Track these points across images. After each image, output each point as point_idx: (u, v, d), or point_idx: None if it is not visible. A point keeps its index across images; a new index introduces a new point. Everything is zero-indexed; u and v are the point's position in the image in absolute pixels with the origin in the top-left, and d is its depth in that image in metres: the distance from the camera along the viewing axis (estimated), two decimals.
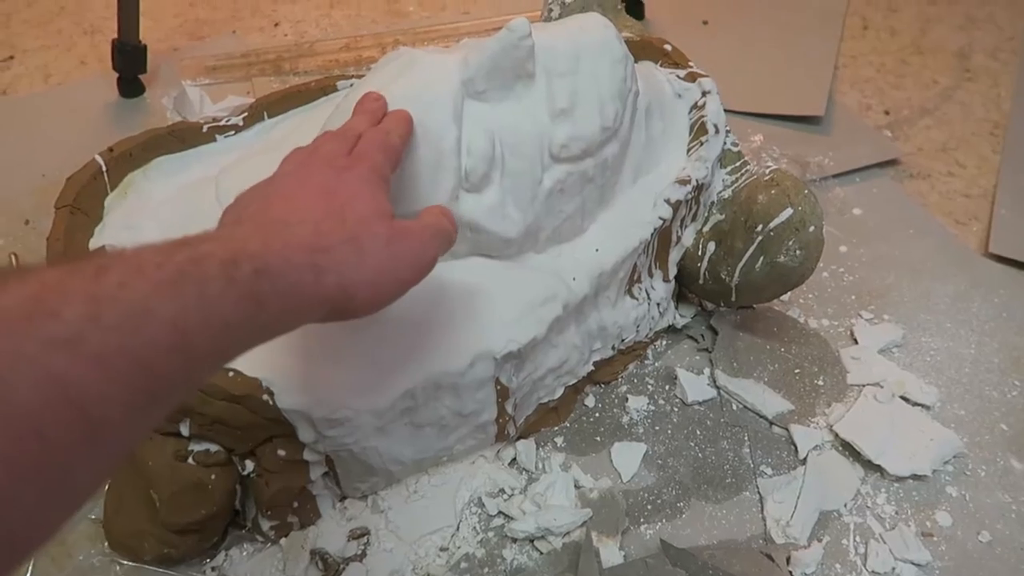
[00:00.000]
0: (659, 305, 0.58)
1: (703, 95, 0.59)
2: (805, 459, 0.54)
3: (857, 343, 0.61)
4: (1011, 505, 0.52)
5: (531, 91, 0.47)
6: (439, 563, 0.48)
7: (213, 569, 0.48)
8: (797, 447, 0.54)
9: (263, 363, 0.44)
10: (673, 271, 0.58)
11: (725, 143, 0.58)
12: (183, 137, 0.57)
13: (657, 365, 0.60)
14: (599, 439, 0.55)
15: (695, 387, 0.57)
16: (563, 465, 0.53)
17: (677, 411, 0.57)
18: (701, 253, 0.57)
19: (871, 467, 0.53)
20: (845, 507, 0.51)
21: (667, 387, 0.58)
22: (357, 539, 0.49)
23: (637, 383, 0.58)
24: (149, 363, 0.23)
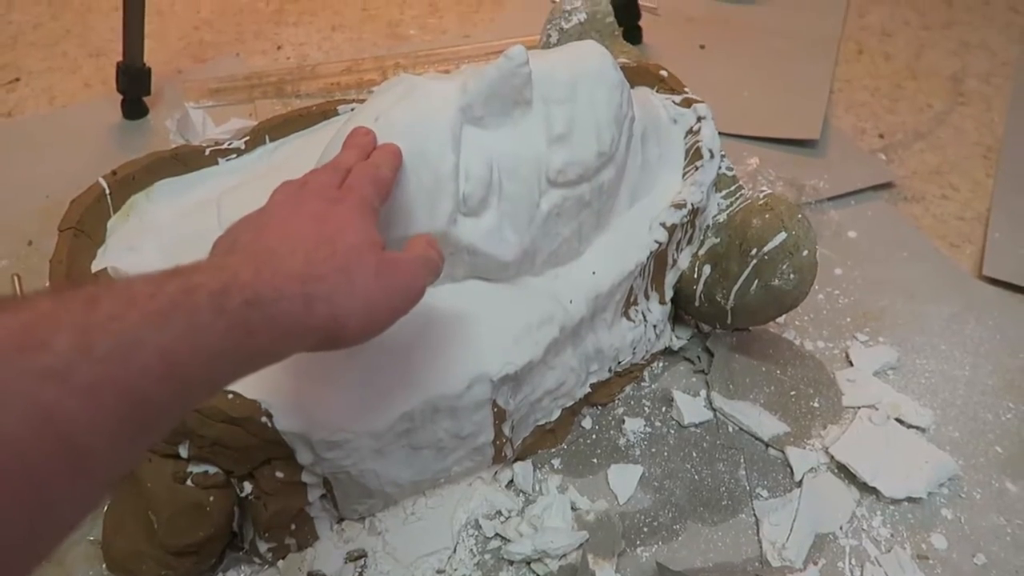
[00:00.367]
0: (655, 327, 0.58)
1: (698, 120, 0.59)
2: (801, 481, 0.54)
3: (852, 365, 0.62)
4: (1006, 528, 0.52)
5: (528, 117, 0.48)
6: None
7: None
8: (793, 469, 0.54)
9: (262, 385, 0.44)
10: (669, 293, 0.59)
11: (720, 168, 0.58)
12: (186, 160, 0.58)
13: (654, 387, 0.60)
14: (596, 461, 0.55)
15: (691, 409, 0.58)
16: (560, 487, 0.53)
17: (673, 433, 0.57)
18: (697, 276, 0.57)
19: (866, 489, 0.53)
20: (841, 530, 0.51)
21: (663, 409, 0.58)
22: (354, 561, 0.49)
23: (634, 405, 0.59)
24: (138, 394, 0.23)
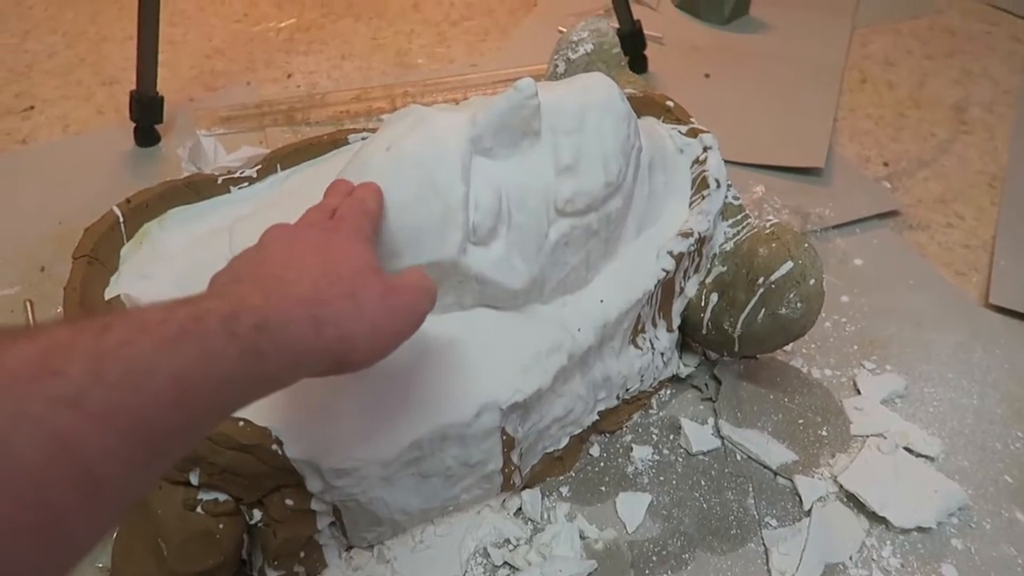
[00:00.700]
0: (663, 355, 0.59)
1: (704, 150, 0.60)
2: (810, 510, 0.54)
3: (860, 393, 0.62)
4: (1017, 559, 0.52)
5: (537, 148, 0.49)
6: None
7: None
8: (802, 498, 0.54)
9: (273, 413, 0.45)
10: (677, 321, 0.59)
11: (726, 197, 0.59)
12: (198, 189, 0.59)
13: (661, 415, 0.60)
14: (604, 489, 0.55)
15: (699, 437, 0.58)
16: (568, 515, 0.53)
17: (681, 461, 0.57)
18: (704, 304, 0.58)
19: (876, 519, 0.53)
20: (850, 559, 0.51)
21: (671, 437, 0.59)
22: None
23: (642, 433, 0.59)
24: (151, 419, 0.24)
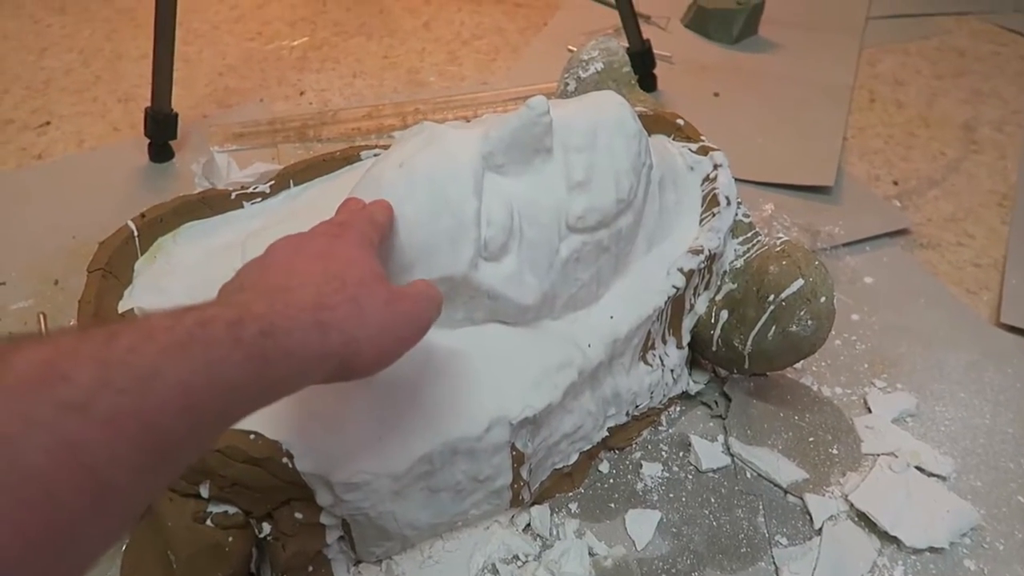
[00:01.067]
0: (673, 371, 0.59)
1: (715, 168, 0.60)
2: (820, 529, 0.53)
3: (871, 412, 0.62)
4: None
5: (549, 165, 0.49)
6: None
7: None
8: (812, 517, 0.54)
9: (283, 426, 0.45)
10: (687, 338, 0.59)
11: (736, 214, 0.59)
12: (212, 204, 0.59)
13: (671, 431, 0.60)
14: (613, 506, 0.55)
15: (709, 454, 0.57)
16: (577, 532, 0.53)
17: (691, 478, 0.57)
18: (714, 321, 0.58)
19: (887, 538, 0.53)
20: None
21: (681, 454, 0.58)
22: None
23: (651, 449, 0.59)
24: (158, 425, 0.24)
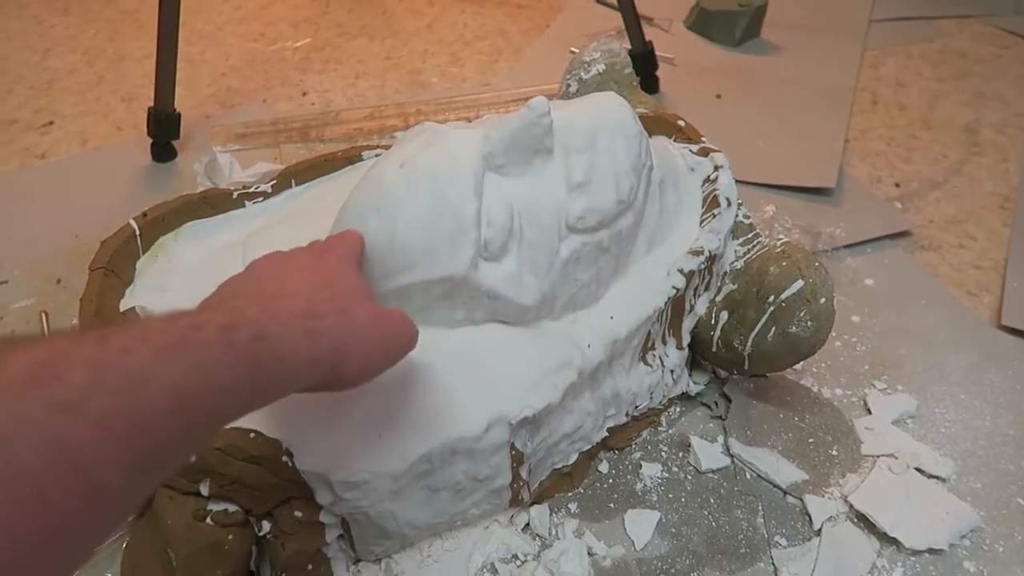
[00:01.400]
0: (673, 372, 0.59)
1: (715, 169, 0.61)
2: (820, 530, 0.53)
3: (871, 413, 0.62)
4: None
5: (549, 165, 0.49)
6: None
7: None
8: (811, 518, 0.54)
9: (283, 425, 0.45)
10: (687, 339, 0.59)
11: (737, 216, 0.59)
12: (214, 203, 0.60)
13: (671, 432, 0.60)
14: (613, 506, 0.55)
15: (709, 455, 0.57)
16: (576, 531, 0.53)
17: (691, 479, 0.57)
18: (714, 322, 0.58)
19: (887, 540, 0.53)
20: None
21: (681, 454, 0.58)
22: None
23: (651, 450, 0.59)
24: (149, 426, 0.24)
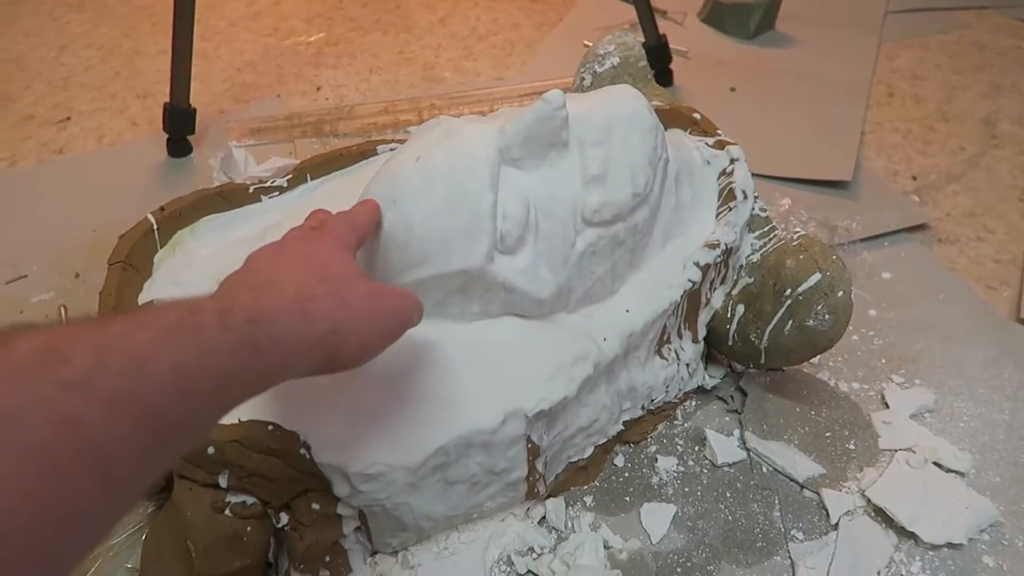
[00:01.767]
0: (688, 366, 0.59)
1: (731, 162, 0.60)
2: (837, 524, 0.53)
3: (888, 407, 0.61)
4: None
5: (565, 159, 0.49)
6: None
7: None
8: (828, 512, 0.54)
9: (301, 418, 0.45)
10: (702, 332, 0.59)
11: (753, 209, 0.59)
12: (230, 198, 0.60)
13: (687, 426, 0.60)
14: (628, 499, 0.55)
15: (725, 449, 0.57)
16: (592, 525, 0.53)
17: (707, 473, 0.57)
18: (730, 315, 0.57)
19: (904, 534, 0.52)
20: (879, 575, 0.51)
21: (697, 448, 0.58)
22: None
23: (666, 444, 0.59)
24: (154, 406, 0.25)
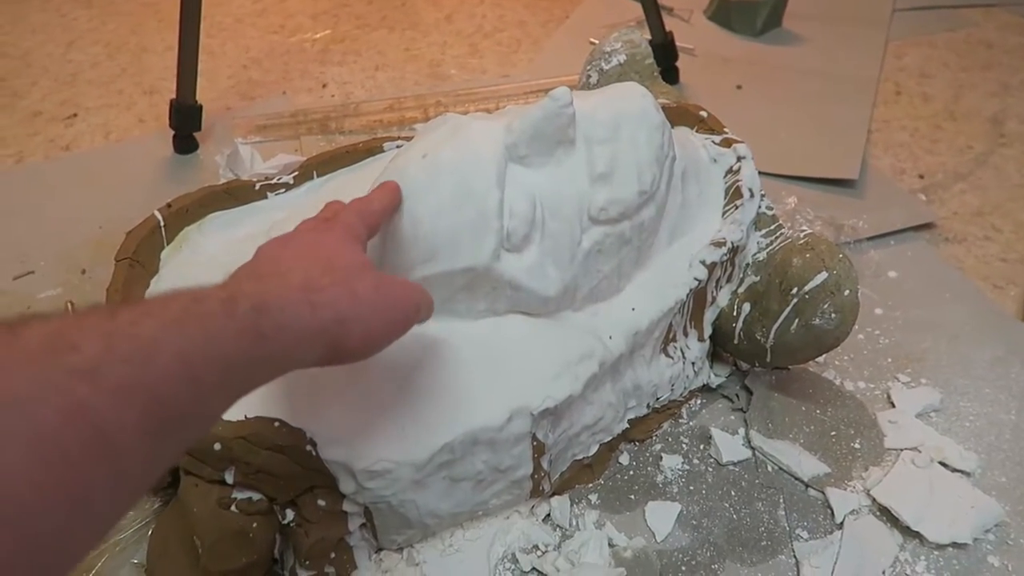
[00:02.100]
0: (694, 364, 0.59)
1: (738, 160, 0.60)
2: (842, 523, 0.53)
3: (894, 406, 0.61)
4: None
5: (571, 156, 0.49)
6: None
7: None
8: (834, 511, 0.54)
9: (307, 415, 0.45)
10: (708, 331, 0.59)
11: (760, 207, 0.59)
12: (237, 195, 0.60)
13: (691, 424, 0.60)
14: (633, 497, 0.55)
15: (730, 447, 0.57)
16: (597, 523, 0.53)
17: (712, 471, 0.57)
18: (736, 314, 0.57)
19: (910, 533, 0.52)
20: (884, 574, 0.50)
21: (701, 446, 0.58)
22: None
23: (671, 442, 0.59)
24: (161, 394, 0.25)
